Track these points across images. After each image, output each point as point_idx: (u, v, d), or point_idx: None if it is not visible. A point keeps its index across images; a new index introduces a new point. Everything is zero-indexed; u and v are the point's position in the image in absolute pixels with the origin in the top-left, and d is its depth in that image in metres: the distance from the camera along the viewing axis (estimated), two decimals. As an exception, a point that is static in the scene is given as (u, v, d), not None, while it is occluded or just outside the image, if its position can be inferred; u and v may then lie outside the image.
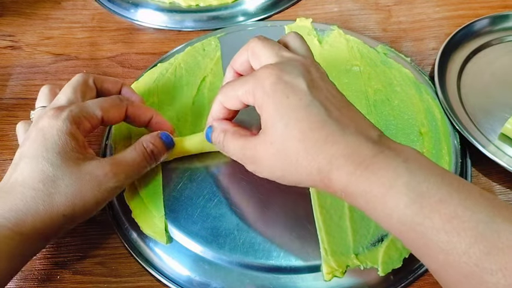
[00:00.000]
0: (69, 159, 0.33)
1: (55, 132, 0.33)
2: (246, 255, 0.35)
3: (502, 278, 0.23)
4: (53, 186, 0.32)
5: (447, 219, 0.24)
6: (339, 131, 0.29)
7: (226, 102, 0.34)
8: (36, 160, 0.32)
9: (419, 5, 0.57)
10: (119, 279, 0.37)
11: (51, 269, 0.38)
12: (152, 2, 0.57)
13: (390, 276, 0.35)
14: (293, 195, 0.38)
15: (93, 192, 0.33)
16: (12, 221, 0.31)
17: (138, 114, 0.38)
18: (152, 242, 0.37)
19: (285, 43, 0.35)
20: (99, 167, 0.34)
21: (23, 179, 0.32)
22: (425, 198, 0.25)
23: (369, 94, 0.45)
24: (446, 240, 0.24)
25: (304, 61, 0.32)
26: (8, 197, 0.32)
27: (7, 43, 0.55)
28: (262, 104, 0.30)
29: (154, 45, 0.54)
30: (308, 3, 0.58)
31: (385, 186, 0.26)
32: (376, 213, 0.27)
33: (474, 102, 0.45)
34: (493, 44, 0.51)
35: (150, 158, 0.36)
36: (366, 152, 0.28)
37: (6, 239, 0.30)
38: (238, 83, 0.32)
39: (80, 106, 0.35)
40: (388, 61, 0.48)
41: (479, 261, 0.23)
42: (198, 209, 0.38)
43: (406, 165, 0.27)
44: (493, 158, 0.40)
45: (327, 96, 0.31)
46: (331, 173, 0.28)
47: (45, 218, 0.32)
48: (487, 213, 0.24)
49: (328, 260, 0.35)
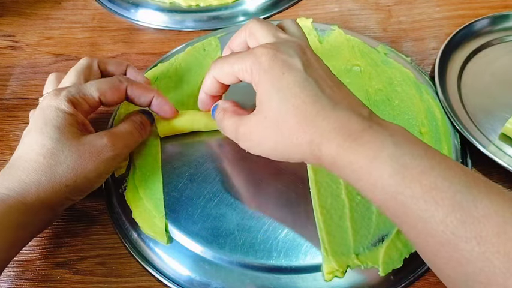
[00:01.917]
0: (67, 133, 0.34)
1: (53, 110, 0.35)
2: (247, 256, 0.35)
3: (476, 246, 0.24)
4: (53, 159, 0.33)
5: (427, 190, 0.25)
6: (331, 107, 0.30)
7: (220, 77, 0.35)
8: (36, 135, 0.34)
9: (420, 5, 0.57)
10: (119, 279, 0.37)
11: (52, 269, 0.38)
12: (152, 2, 0.57)
13: (391, 277, 0.35)
14: (294, 195, 0.38)
15: (93, 162, 0.35)
16: (17, 191, 0.32)
17: (138, 94, 0.39)
18: (152, 242, 0.37)
19: (282, 27, 0.36)
20: (97, 139, 0.35)
21: (24, 154, 0.34)
22: (408, 169, 0.26)
23: (369, 94, 0.45)
24: (425, 209, 0.25)
25: (300, 42, 0.34)
26: (11, 172, 0.33)
27: (7, 43, 0.55)
28: (259, 80, 0.31)
29: (155, 45, 0.54)
30: (308, 3, 0.58)
31: (371, 157, 0.27)
32: (361, 183, 0.28)
33: (474, 102, 0.45)
34: (494, 44, 0.51)
35: (141, 127, 0.39)
36: (355, 126, 0.29)
37: (11, 209, 0.32)
38: (234, 59, 0.33)
39: (77, 87, 0.37)
40: (389, 61, 0.48)
41: (456, 230, 0.24)
42: (198, 209, 0.38)
43: (392, 139, 0.28)
44: (494, 158, 0.40)
45: (321, 75, 0.32)
46: (322, 145, 0.29)
47: (48, 188, 0.33)
48: (465, 185, 0.25)
49: (329, 260, 0.35)
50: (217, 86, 0.36)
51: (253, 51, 0.32)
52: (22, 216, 0.32)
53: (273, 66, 0.31)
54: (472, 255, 0.24)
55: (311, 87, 0.30)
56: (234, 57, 0.33)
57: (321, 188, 0.38)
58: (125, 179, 0.40)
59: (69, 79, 0.39)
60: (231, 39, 0.37)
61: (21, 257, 0.38)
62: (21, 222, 0.32)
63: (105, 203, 0.41)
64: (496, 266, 0.23)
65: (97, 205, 0.41)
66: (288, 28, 0.36)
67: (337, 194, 0.38)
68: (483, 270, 0.24)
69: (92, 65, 0.41)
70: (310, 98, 0.30)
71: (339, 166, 0.29)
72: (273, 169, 0.40)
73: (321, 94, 0.30)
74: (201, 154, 0.41)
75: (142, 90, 0.39)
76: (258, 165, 0.40)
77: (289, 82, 0.30)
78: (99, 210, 0.41)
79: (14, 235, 0.32)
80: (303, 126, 0.29)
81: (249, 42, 0.36)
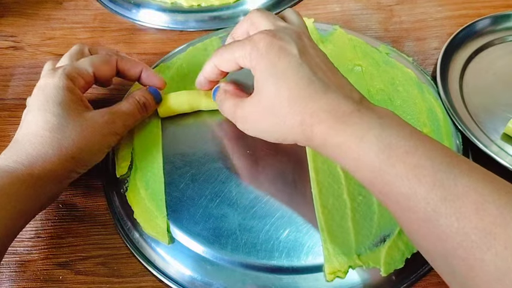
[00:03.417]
0: (70, 109, 0.36)
1: (53, 87, 0.36)
2: (248, 256, 0.35)
3: (455, 221, 0.25)
4: (58, 133, 0.35)
5: (410, 168, 0.26)
6: (323, 90, 0.31)
7: (221, 64, 0.36)
8: (40, 112, 0.35)
9: (421, 5, 0.57)
10: (121, 279, 0.37)
11: (54, 269, 0.38)
12: (154, 3, 0.57)
13: (392, 277, 0.35)
14: (294, 195, 0.38)
15: (96, 137, 0.36)
16: (25, 164, 0.33)
17: (128, 68, 0.41)
18: (154, 243, 0.37)
19: (283, 17, 0.38)
20: (99, 115, 0.37)
21: (29, 130, 0.35)
22: (393, 149, 0.27)
23: (371, 94, 0.45)
24: (408, 186, 0.26)
25: (297, 30, 0.35)
26: (18, 147, 0.35)
27: (9, 43, 0.55)
28: (256, 65, 0.33)
29: (156, 45, 0.54)
30: (310, 3, 0.58)
31: (358, 137, 0.28)
32: (350, 162, 0.29)
33: (476, 102, 0.45)
34: (496, 44, 0.50)
35: (142, 109, 0.41)
36: (345, 108, 0.30)
37: (19, 181, 0.33)
38: (235, 46, 0.35)
39: (72, 65, 0.38)
40: (390, 61, 0.48)
41: (436, 207, 0.25)
42: (200, 210, 0.38)
43: (379, 121, 0.29)
44: (496, 158, 0.40)
45: (316, 62, 0.33)
46: (313, 127, 0.31)
47: (54, 161, 0.34)
48: (447, 165, 0.26)
49: (331, 260, 0.35)
50: (217, 72, 0.38)
51: (252, 38, 0.33)
52: (30, 189, 0.33)
53: (269, 52, 0.32)
54: (451, 230, 0.25)
55: (305, 71, 0.32)
56: (234, 44, 0.35)
57: (322, 188, 0.38)
58: (126, 179, 0.40)
59: (62, 62, 0.41)
60: (233, 29, 0.39)
61: (23, 257, 0.38)
62: (29, 194, 0.33)
63: (106, 203, 0.41)
64: (473, 241, 0.24)
65: (99, 205, 0.41)
66: (288, 17, 0.38)
67: (338, 194, 0.38)
68: (461, 245, 0.24)
69: (83, 51, 0.42)
70: (303, 81, 0.31)
71: (329, 146, 0.30)
72: (275, 169, 0.40)
73: (314, 78, 0.31)
74: (202, 154, 0.41)
75: (131, 63, 0.42)
76: (261, 164, 0.40)
77: (284, 67, 0.32)
78: (100, 210, 0.41)
79: (22, 207, 0.33)
80: (295, 108, 0.31)
81: (250, 32, 0.37)
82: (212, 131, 0.43)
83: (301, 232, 0.36)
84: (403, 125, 0.29)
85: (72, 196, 0.42)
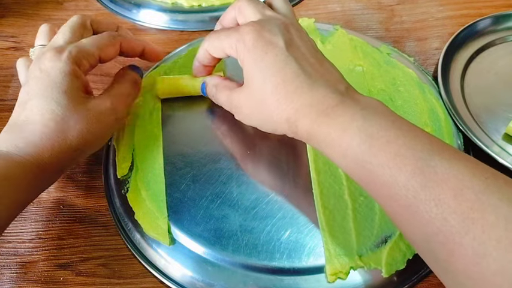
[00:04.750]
0: (74, 98, 0.35)
1: (58, 73, 0.35)
2: (249, 257, 0.35)
3: (434, 207, 0.25)
4: (63, 125, 0.34)
5: (391, 157, 0.27)
6: (308, 84, 0.31)
7: (211, 50, 0.37)
8: (45, 100, 0.35)
9: (422, 5, 0.57)
10: (122, 280, 0.37)
11: (54, 270, 0.38)
12: (154, 3, 0.56)
13: (394, 278, 0.35)
14: (296, 196, 0.38)
15: (99, 126, 0.36)
16: (32, 155, 0.33)
17: (132, 46, 0.41)
18: (155, 244, 0.37)
19: (270, 3, 0.38)
20: (102, 103, 0.37)
21: (34, 118, 0.34)
22: (374, 139, 0.28)
23: (372, 94, 0.45)
24: (389, 175, 0.27)
25: (284, 20, 0.35)
26: (23, 134, 0.34)
27: (10, 44, 0.55)
28: (244, 59, 0.33)
29: (157, 45, 0.54)
30: (310, 3, 0.58)
31: (342, 129, 0.29)
32: (335, 154, 0.30)
33: (478, 102, 0.45)
34: (497, 44, 0.50)
35: (136, 86, 0.41)
36: (329, 101, 0.30)
37: (25, 171, 0.33)
38: (223, 34, 0.35)
39: (78, 46, 0.37)
40: (391, 61, 0.48)
41: (416, 193, 0.26)
42: (201, 211, 0.38)
43: (362, 112, 0.29)
44: (497, 158, 0.40)
45: (303, 53, 0.33)
46: (298, 122, 0.31)
47: (60, 153, 0.34)
48: (428, 152, 0.27)
49: (332, 261, 0.35)
50: (209, 57, 0.38)
51: (239, 30, 0.34)
52: (35, 179, 0.34)
53: (256, 46, 0.33)
54: (431, 216, 0.25)
55: (291, 65, 0.32)
56: (223, 33, 0.36)
57: (323, 189, 0.38)
58: (127, 180, 0.40)
59: (63, 36, 0.38)
60: (222, 15, 0.39)
61: (24, 259, 0.38)
62: (34, 184, 0.34)
63: (107, 204, 0.41)
64: (452, 226, 0.25)
65: (99, 206, 0.41)
66: (275, 4, 0.38)
67: (340, 195, 0.38)
68: (441, 230, 0.25)
69: (85, 23, 0.41)
70: (289, 76, 0.32)
71: (315, 140, 0.31)
72: (276, 169, 0.40)
73: (300, 72, 0.32)
74: (203, 155, 0.41)
75: (134, 41, 0.42)
76: (262, 165, 0.40)
77: (271, 61, 0.32)
78: (101, 211, 0.41)
79: (24, 197, 0.34)
80: (281, 104, 0.32)
81: (238, 19, 0.37)
82: (213, 132, 0.43)
83: (303, 233, 0.36)
84: (385, 114, 0.30)
85: (73, 197, 0.42)
